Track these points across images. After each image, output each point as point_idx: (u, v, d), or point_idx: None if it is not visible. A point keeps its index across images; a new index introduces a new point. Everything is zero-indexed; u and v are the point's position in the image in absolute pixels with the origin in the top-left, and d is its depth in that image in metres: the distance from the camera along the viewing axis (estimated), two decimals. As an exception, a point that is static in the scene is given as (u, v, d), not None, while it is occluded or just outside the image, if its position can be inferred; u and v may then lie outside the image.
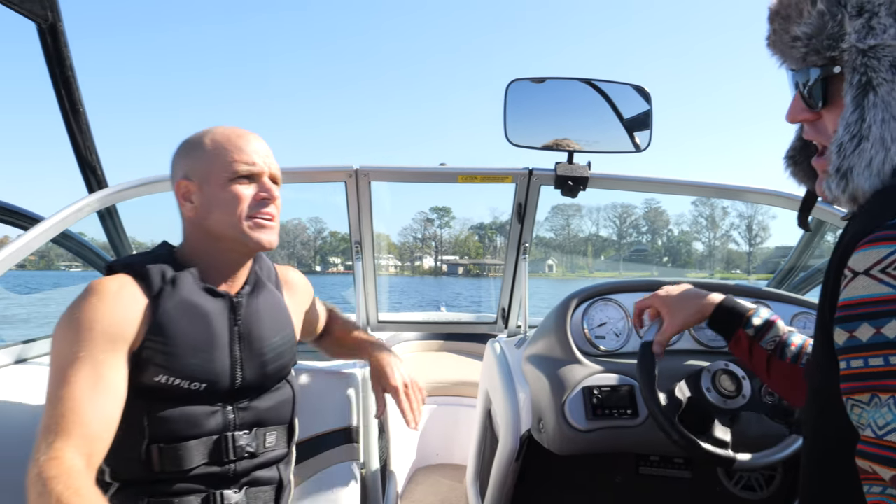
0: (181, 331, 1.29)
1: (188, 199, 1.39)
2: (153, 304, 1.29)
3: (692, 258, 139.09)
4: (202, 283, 1.37)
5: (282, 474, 1.48)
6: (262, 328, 1.42)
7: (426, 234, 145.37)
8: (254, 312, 1.42)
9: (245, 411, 1.39)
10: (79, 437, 1.11)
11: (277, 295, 1.52)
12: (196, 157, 1.38)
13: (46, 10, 1.97)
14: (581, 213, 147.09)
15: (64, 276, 36.27)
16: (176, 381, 1.28)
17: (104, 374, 1.19)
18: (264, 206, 1.37)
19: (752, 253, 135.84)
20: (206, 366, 1.32)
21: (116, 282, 1.28)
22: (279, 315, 1.49)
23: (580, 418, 1.68)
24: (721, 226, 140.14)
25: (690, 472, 2.02)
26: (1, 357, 1.80)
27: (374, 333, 2.65)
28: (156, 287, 1.30)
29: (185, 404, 1.30)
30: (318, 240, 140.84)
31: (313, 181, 2.29)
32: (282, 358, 1.47)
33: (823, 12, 0.87)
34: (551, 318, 1.95)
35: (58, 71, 2.13)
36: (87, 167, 2.32)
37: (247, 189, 1.36)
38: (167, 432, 1.28)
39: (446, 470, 3.09)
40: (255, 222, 1.36)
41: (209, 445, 1.33)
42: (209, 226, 1.38)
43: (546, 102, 2.17)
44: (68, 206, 1.93)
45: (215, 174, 1.35)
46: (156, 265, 1.33)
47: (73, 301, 1.25)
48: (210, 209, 1.36)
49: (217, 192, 1.35)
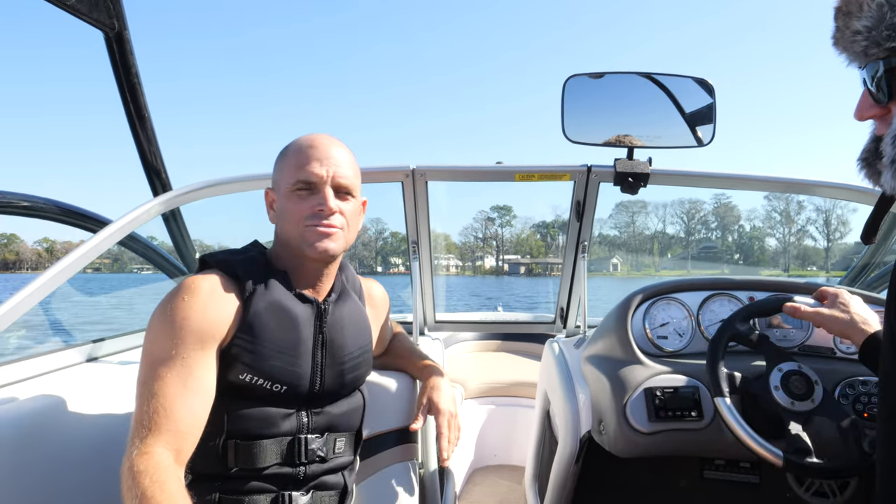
0: (269, 332, 1.33)
1: (272, 207, 1.45)
2: (245, 304, 1.32)
3: (765, 255, 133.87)
4: (292, 287, 1.40)
5: (346, 480, 1.50)
6: (345, 337, 1.45)
7: (487, 233, 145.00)
8: (338, 320, 1.45)
9: (319, 415, 1.42)
10: (169, 434, 1.17)
11: (360, 306, 1.55)
12: (277, 167, 1.44)
13: (113, 20, 2.07)
14: (646, 210, 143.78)
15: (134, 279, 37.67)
16: (258, 381, 1.32)
17: (194, 373, 1.23)
18: (321, 218, 1.37)
19: (830, 249, 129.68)
20: (290, 368, 1.35)
21: (209, 281, 1.31)
22: (361, 326, 1.52)
23: (642, 420, 1.66)
24: (797, 221, 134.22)
25: (758, 477, 1.97)
26: (73, 355, 1.88)
27: (430, 333, 2.69)
28: (248, 287, 1.34)
29: (264, 404, 1.34)
30: (380, 240, 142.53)
31: (371, 182, 2.32)
32: (359, 368, 1.50)
33: (882, 4, 0.87)
34: (612, 317, 1.93)
35: (124, 78, 2.24)
36: (152, 171, 2.42)
37: (304, 199, 1.37)
38: (244, 430, 1.32)
39: (504, 471, 3.09)
40: (311, 231, 1.36)
41: (283, 446, 1.36)
42: (281, 233, 1.43)
43: (604, 98, 2.15)
44: (134, 210, 2.02)
45: (283, 184, 1.39)
46: (249, 265, 1.38)
47: (167, 297, 1.29)
48: (281, 218, 1.41)
49: (282, 202, 1.39)
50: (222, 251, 1.46)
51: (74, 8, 1.86)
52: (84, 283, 13.13)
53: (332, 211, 1.36)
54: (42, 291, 1.66)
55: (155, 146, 2.40)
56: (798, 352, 1.85)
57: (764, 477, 1.97)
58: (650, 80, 2.09)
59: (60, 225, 2.18)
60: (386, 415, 1.78)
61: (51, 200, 2.05)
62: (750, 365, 1.68)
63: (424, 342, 2.40)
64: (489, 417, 3.08)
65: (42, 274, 1.69)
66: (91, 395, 1.66)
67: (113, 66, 2.18)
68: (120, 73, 2.20)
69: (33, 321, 2.39)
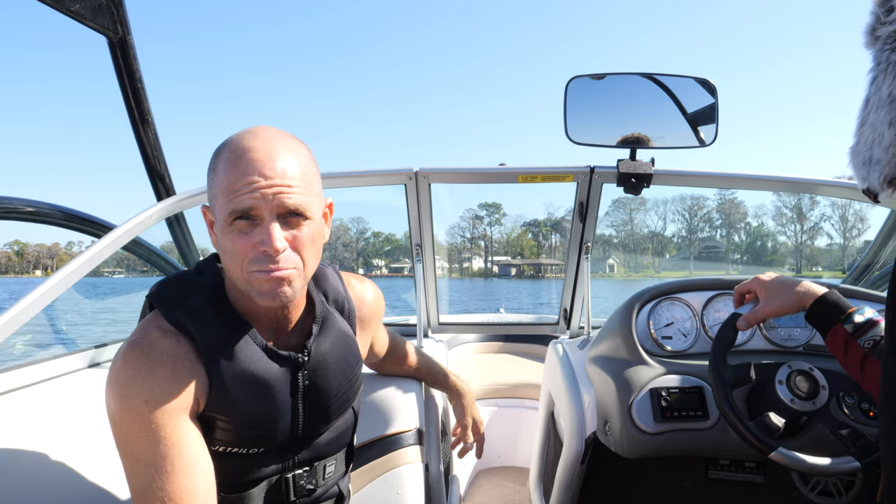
0: (241, 405, 1.18)
1: (213, 230, 1.20)
2: (208, 373, 1.16)
3: (776, 255, 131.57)
4: (261, 340, 1.22)
5: (341, 487, 1.48)
6: (329, 380, 1.31)
7: (475, 233, 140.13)
8: (321, 363, 1.29)
9: (305, 451, 1.35)
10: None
11: (345, 329, 1.37)
12: (210, 180, 1.16)
13: (116, 25, 2.12)
14: (646, 207, 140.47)
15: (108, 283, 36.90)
16: (233, 450, 1.23)
17: (189, 451, 1.08)
18: (267, 262, 1.11)
19: (847, 247, 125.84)
20: (266, 434, 1.24)
21: (163, 351, 1.12)
22: (347, 355, 1.36)
23: (648, 420, 1.73)
24: (809, 217, 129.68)
25: (763, 477, 2.04)
26: (75, 361, 1.91)
27: (434, 335, 2.77)
28: (212, 355, 1.16)
29: (243, 459, 1.26)
30: (361, 241, 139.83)
31: (373, 184, 2.39)
32: (347, 401, 1.39)
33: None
34: (616, 318, 2.00)
35: (127, 83, 2.29)
36: (155, 175, 2.47)
37: (245, 233, 1.11)
38: (226, 484, 1.25)
39: (508, 472, 3.18)
40: (258, 279, 1.11)
41: (267, 488, 1.30)
42: (227, 269, 1.18)
43: (607, 99, 2.23)
44: (138, 214, 2.06)
45: (218, 210, 1.13)
46: (204, 320, 1.17)
47: (117, 378, 1.10)
48: (222, 252, 1.17)
49: (220, 234, 1.14)
50: (172, 288, 1.22)
51: (78, 13, 1.91)
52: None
53: (278, 252, 1.10)
54: (48, 296, 1.69)
55: (159, 151, 2.45)
56: (803, 350, 1.91)
57: (769, 477, 2.04)
58: (652, 81, 2.17)
59: (33, 227, 2.23)
60: (392, 418, 1.84)
61: (56, 206, 2.08)
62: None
63: (428, 344, 2.46)
64: (493, 419, 3.15)
65: (48, 279, 1.74)
66: (93, 401, 1.69)
67: (116, 71, 2.23)
68: (123, 78, 2.25)
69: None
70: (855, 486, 1.96)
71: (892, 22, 0.85)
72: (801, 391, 1.56)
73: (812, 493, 1.99)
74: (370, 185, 2.39)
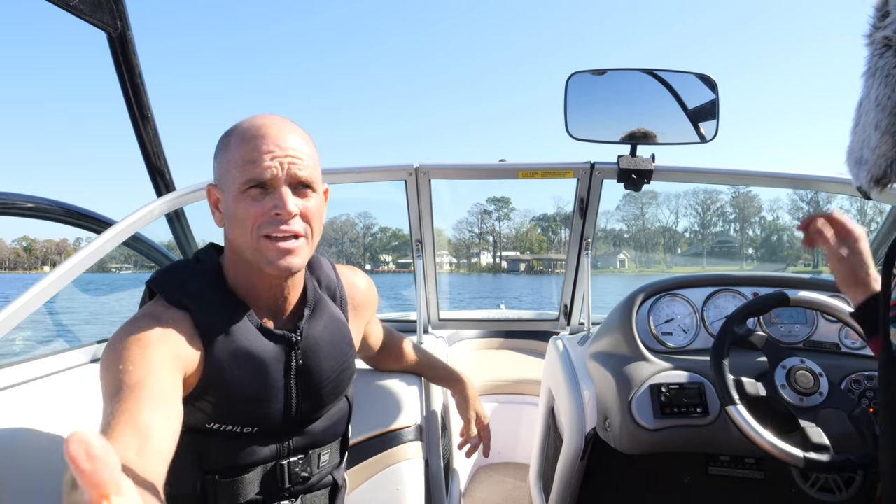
0: (234, 382, 1.22)
1: (217, 208, 1.29)
2: (205, 350, 1.21)
3: (793, 250, 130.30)
4: (256, 320, 1.28)
5: (336, 477, 1.50)
6: (321, 362, 1.36)
7: (483, 227, 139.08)
8: (313, 344, 1.35)
9: (299, 437, 1.38)
10: (130, 432, 0.96)
11: (338, 314, 1.43)
12: (220, 159, 1.26)
13: (116, 20, 2.12)
14: (657, 201, 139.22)
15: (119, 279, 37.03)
16: (226, 427, 1.26)
17: (168, 396, 1.06)
18: (279, 223, 1.20)
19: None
20: (259, 411, 1.27)
21: (167, 319, 1.18)
22: (340, 341, 1.41)
23: (647, 417, 1.75)
24: (827, 210, 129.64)
25: (763, 473, 2.05)
26: (77, 357, 1.92)
27: (434, 331, 2.79)
28: (209, 329, 1.22)
29: (237, 440, 1.28)
30: (368, 236, 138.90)
31: (373, 180, 2.41)
32: (340, 386, 1.42)
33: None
34: (616, 314, 2.01)
35: (127, 79, 2.29)
36: (155, 171, 2.48)
37: (257, 201, 1.20)
38: (221, 466, 1.28)
39: (508, 468, 3.20)
40: (269, 245, 1.20)
41: (262, 474, 1.33)
42: (232, 241, 1.27)
43: (607, 95, 2.23)
44: (138, 210, 2.08)
45: (230, 182, 1.21)
46: (203, 299, 1.24)
47: (123, 328, 1.15)
48: (230, 223, 1.24)
49: (230, 204, 1.22)
50: (172, 274, 1.29)
51: (77, 8, 1.92)
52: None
53: (291, 215, 1.20)
54: (48, 292, 1.70)
55: (158, 147, 2.45)
56: (803, 347, 1.93)
57: (768, 472, 2.05)
58: (653, 77, 2.17)
59: (41, 223, 2.25)
60: (392, 414, 1.85)
61: (55, 201, 2.10)
62: (754, 361, 1.76)
63: (428, 340, 2.48)
64: (493, 415, 3.15)
65: (48, 274, 1.76)
66: (96, 397, 1.73)
67: (116, 67, 2.24)
68: (123, 74, 2.25)
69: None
70: (855, 483, 1.97)
71: (885, 27, 0.87)
72: (805, 387, 1.59)
73: (812, 490, 2.00)
74: (370, 181, 2.40)
